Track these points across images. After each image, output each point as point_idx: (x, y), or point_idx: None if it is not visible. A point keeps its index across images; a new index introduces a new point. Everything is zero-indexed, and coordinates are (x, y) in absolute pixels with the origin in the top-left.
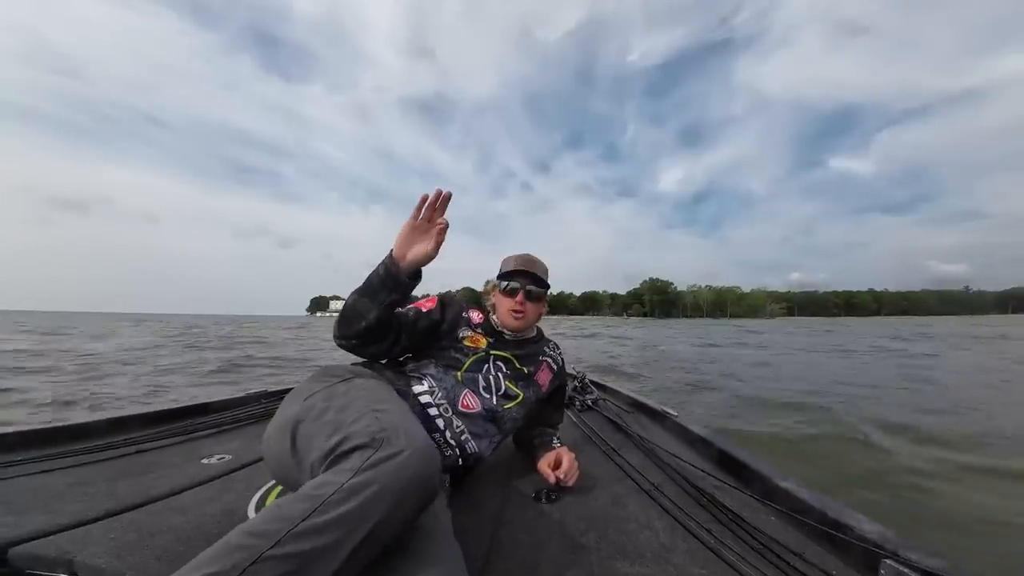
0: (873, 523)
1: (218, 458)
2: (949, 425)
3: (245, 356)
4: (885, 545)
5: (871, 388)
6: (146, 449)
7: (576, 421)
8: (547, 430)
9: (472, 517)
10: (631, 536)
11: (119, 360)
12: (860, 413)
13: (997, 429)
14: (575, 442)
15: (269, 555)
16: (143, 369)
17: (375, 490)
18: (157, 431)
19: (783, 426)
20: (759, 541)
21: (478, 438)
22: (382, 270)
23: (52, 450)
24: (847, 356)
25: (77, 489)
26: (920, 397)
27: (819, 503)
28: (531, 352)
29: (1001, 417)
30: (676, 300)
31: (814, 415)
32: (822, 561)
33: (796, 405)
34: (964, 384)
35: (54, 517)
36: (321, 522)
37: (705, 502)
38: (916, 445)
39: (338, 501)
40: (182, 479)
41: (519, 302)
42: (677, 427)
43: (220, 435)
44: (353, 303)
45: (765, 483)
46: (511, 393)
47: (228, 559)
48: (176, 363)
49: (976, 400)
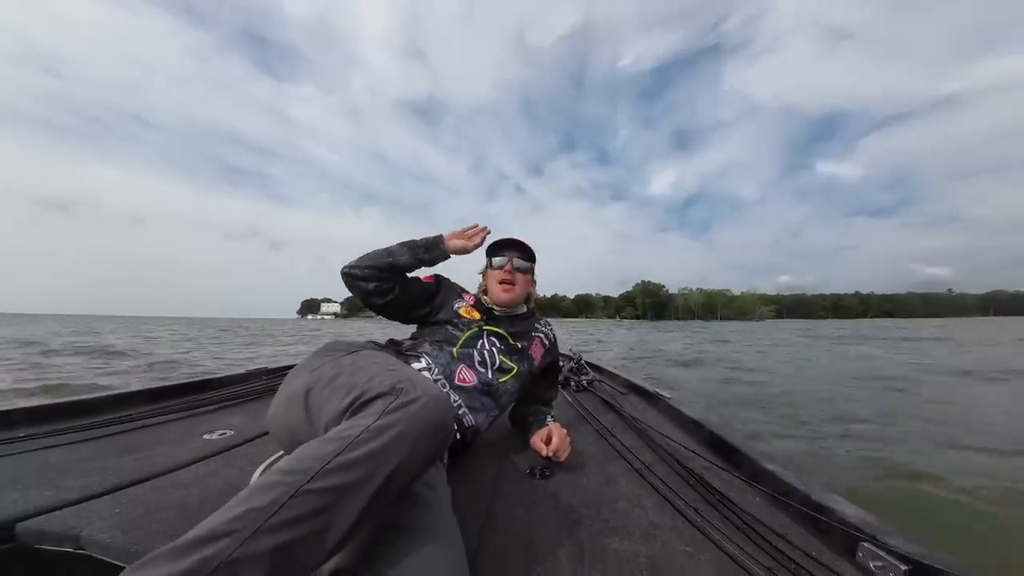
0: (854, 507)
1: (220, 434)
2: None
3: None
4: (864, 529)
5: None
6: (149, 425)
7: (571, 401)
8: (541, 408)
9: (469, 491)
10: (622, 513)
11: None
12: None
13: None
14: (570, 421)
15: (306, 488)
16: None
17: (399, 431)
18: (160, 407)
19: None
20: (744, 521)
21: (475, 412)
22: (424, 241)
23: (57, 426)
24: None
25: (82, 465)
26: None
27: (803, 487)
28: (523, 328)
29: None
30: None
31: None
32: (804, 542)
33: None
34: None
35: (60, 492)
36: (351, 458)
37: (694, 482)
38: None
39: (365, 440)
40: (185, 454)
41: (508, 271)
42: (670, 409)
43: (221, 411)
44: (390, 249)
45: (753, 466)
46: (505, 367)
47: (267, 495)
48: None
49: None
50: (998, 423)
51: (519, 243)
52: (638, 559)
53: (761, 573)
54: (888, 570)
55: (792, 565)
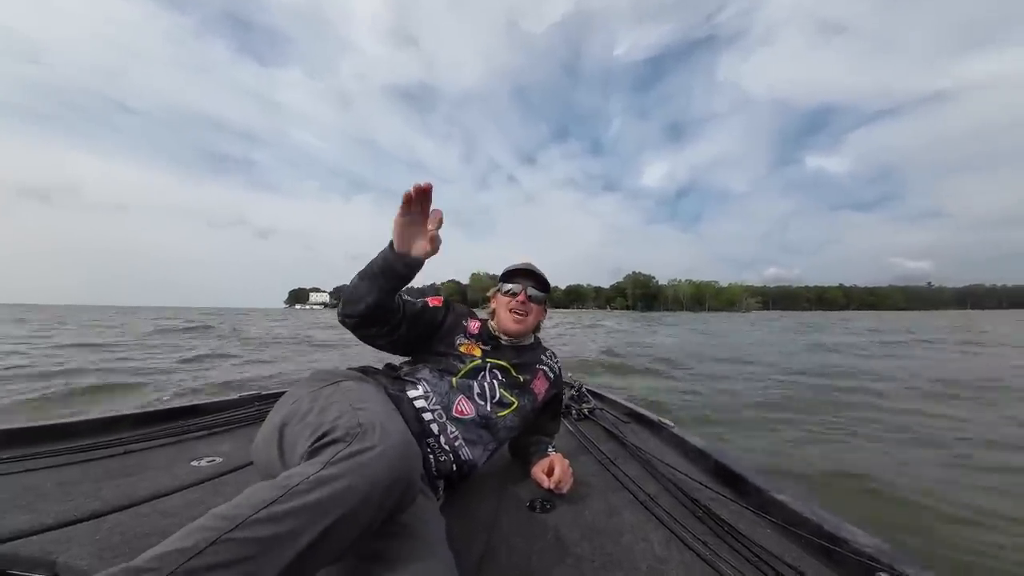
0: (869, 536)
1: (208, 461)
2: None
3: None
4: (880, 558)
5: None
6: (134, 450)
7: (572, 430)
8: (543, 438)
9: (466, 524)
10: (626, 547)
11: None
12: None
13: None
14: (571, 451)
15: (227, 537)
16: None
17: (342, 484)
18: (147, 432)
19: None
20: (755, 554)
21: (472, 444)
22: (380, 260)
23: (37, 449)
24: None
25: (62, 489)
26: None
27: (815, 516)
28: (528, 360)
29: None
30: (658, 294)
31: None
32: (818, 574)
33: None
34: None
35: (38, 517)
36: (281, 510)
37: (701, 514)
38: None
39: (303, 491)
40: (170, 481)
41: (521, 301)
42: (673, 438)
43: (211, 437)
44: (355, 285)
45: (762, 495)
46: (506, 401)
47: (193, 537)
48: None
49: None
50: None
51: (535, 272)
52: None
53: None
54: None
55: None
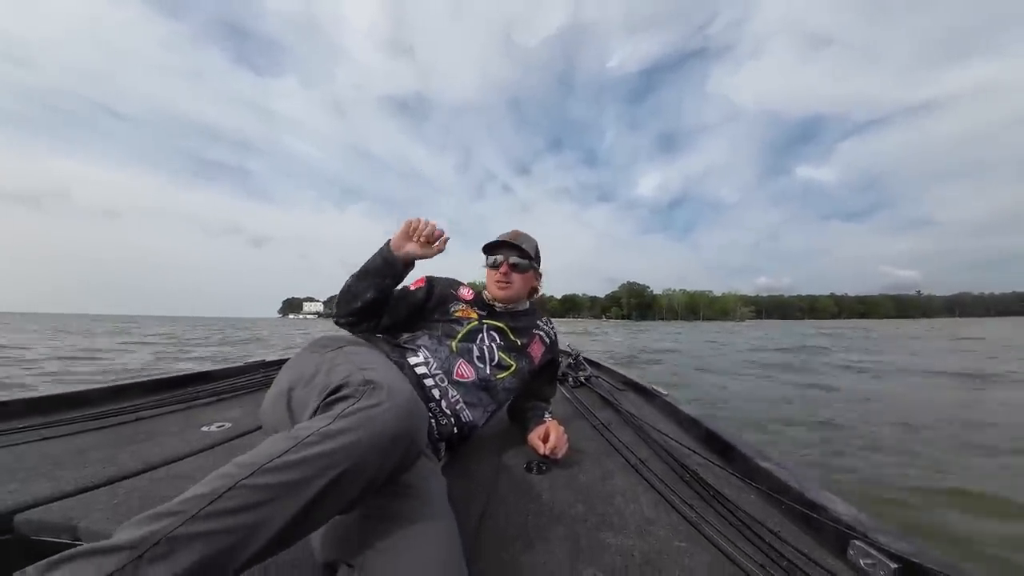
0: (847, 506)
1: (217, 426)
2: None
3: None
4: (856, 527)
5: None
6: (146, 417)
7: (569, 397)
8: (540, 404)
9: (466, 485)
10: (617, 508)
11: None
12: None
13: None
14: (567, 417)
15: (243, 484)
16: None
17: (350, 437)
18: (157, 399)
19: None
20: (738, 518)
21: (472, 407)
22: (379, 258)
23: (54, 417)
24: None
25: (79, 456)
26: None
27: (797, 484)
28: (524, 325)
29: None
30: (652, 303)
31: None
32: (796, 539)
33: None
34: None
35: (57, 484)
36: (293, 460)
37: (689, 479)
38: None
39: (313, 443)
40: (182, 447)
41: (503, 272)
42: (667, 406)
43: (220, 404)
44: (349, 285)
45: (748, 463)
46: (504, 363)
47: (213, 483)
48: None
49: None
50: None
51: (513, 243)
52: (633, 554)
53: (754, 569)
54: (879, 568)
55: (784, 562)
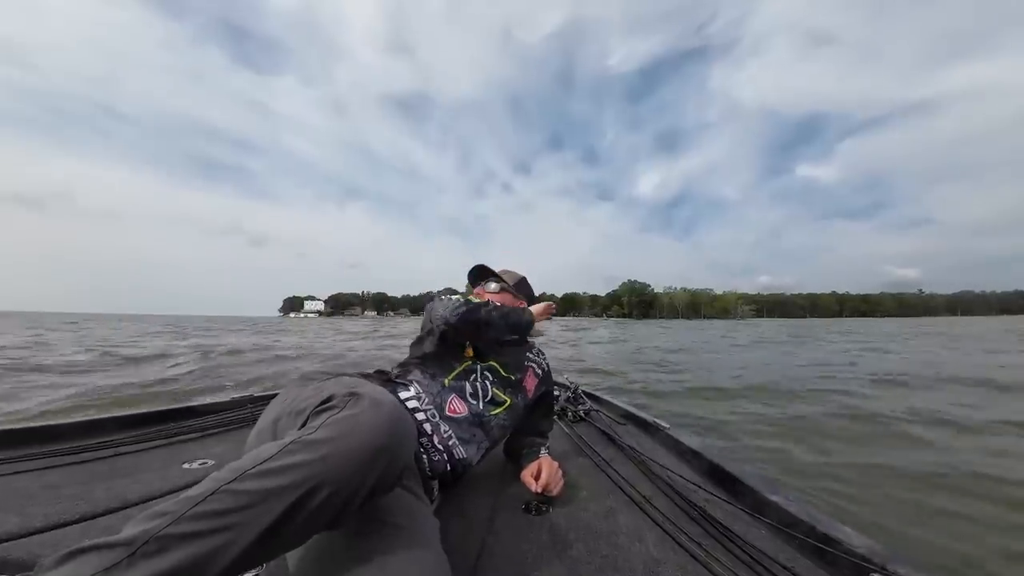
0: (862, 537)
1: (200, 463)
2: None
3: None
4: (873, 559)
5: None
6: (125, 452)
7: (568, 432)
8: (536, 439)
9: (461, 525)
10: (621, 549)
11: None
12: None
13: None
14: (566, 453)
15: (226, 488)
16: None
17: (331, 446)
18: (137, 434)
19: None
20: (749, 555)
21: (466, 443)
22: (525, 322)
23: (25, 451)
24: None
25: (51, 492)
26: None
27: (809, 517)
28: (516, 359)
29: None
30: (653, 302)
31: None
32: (812, 575)
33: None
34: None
35: (26, 519)
36: (275, 466)
37: (696, 515)
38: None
39: (294, 450)
40: (162, 484)
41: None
42: (669, 439)
43: (204, 439)
44: (493, 318)
45: (756, 496)
46: (498, 399)
47: (204, 486)
48: None
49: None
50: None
51: (490, 271)
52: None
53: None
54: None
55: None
